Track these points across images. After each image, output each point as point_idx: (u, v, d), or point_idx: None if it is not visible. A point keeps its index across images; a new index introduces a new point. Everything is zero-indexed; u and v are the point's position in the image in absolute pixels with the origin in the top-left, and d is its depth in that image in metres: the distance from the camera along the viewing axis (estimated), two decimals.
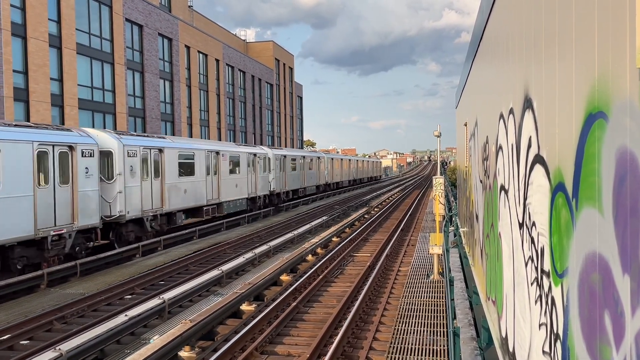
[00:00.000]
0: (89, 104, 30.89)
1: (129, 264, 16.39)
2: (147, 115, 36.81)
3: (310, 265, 16.01)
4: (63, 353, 7.39)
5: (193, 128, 43.67)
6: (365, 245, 19.64)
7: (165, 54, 39.73)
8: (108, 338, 8.62)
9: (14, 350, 8.99)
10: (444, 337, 9.02)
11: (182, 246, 19.70)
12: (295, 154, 41.16)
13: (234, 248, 19.45)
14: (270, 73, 62.49)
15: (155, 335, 8.93)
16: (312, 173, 45.27)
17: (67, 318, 10.68)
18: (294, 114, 73.33)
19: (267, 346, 8.93)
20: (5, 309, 11.27)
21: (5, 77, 24.59)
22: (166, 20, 39.40)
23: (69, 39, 28.89)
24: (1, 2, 24.32)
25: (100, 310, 11.46)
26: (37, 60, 26.63)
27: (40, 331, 9.86)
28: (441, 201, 15.58)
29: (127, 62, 34.38)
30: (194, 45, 43.72)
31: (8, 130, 13.77)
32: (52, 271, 13.90)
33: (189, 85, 43.15)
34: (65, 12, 28.60)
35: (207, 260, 17.20)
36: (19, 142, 13.90)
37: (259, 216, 30.03)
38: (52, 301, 11.87)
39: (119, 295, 12.51)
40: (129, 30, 34.77)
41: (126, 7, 34.03)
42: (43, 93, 27.00)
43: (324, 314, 10.78)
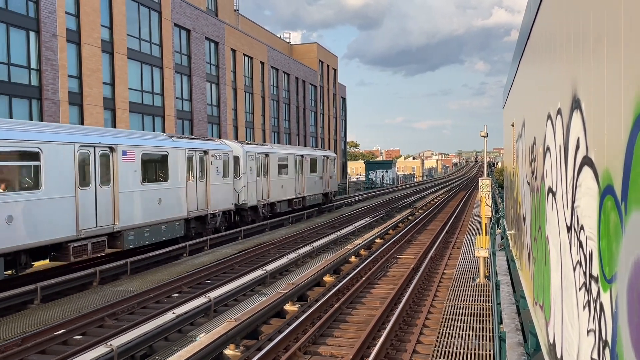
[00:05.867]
0: (139, 107, 31.85)
1: (177, 263, 16.80)
2: (195, 117, 37.64)
3: (353, 266, 15.99)
4: (114, 348, 7.66)
5: (239, 130, 44.35)
6: (409, 247, 19.46)
7: (211, 58, 40.52)
8: (156, 335, 8.87)
9: (67, 345, 9.37)
10: (490, 341, 8.85)
11: (227, 246, 20.04)
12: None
13: (277, 248, 19.65)
14: (314, 75, 62.77)
15: (202, 333, 9.12)
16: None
17: (118, 315, 11.05)
18: (338, 116, 73.38)
19: (310, 346, 8.98)
20: (60, 305, 11.76)
21: (61, 82, 25.65)
22: (213, 25, 40.18)
23: (121, 44, 29.88)
24: (57, 10, 25.40)
25: (149, 308, 11.80)
26: (91, 65, 27.66)
27: (92, 327, 10.24)
28: (488, 203, 15.28)
29: (176, 66, 35.26)
30: (240, 49, 44.42)
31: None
32: (104, 269, 14.42)
33: (234, 88, 43.87)
34: (117, 18, 29.60)
35: (251, 260, 17.44)
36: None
37: (303, 217, 30.22)
38: (104, 298, 12.30)
39: (167, 293, 12.85)
40: (177, 35, 35.65)
41: (175, 13, 34.92)
42: (96, 97, 28.03)
43: (367, 316, 10.75)
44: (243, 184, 24.10)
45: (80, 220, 14.28)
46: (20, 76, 23.93)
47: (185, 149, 19.56)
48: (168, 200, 18.33)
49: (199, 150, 20.56)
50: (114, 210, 15.71)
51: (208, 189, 21.11)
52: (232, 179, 22.97)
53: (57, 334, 9.48)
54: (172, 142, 19.21)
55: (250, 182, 24.71)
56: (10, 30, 23.42)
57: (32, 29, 24.39)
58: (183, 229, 19.29)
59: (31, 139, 13.08)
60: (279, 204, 28.29)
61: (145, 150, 17.29)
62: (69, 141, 14.18)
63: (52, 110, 25.09)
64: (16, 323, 10.35)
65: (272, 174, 27.19)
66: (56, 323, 9.95)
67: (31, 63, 24.48)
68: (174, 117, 34.85)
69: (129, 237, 16.22)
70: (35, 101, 24.66)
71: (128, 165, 16.33)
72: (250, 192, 24.61)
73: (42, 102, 24.77)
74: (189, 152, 19.76)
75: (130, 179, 16.36)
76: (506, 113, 14.49)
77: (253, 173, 24.97)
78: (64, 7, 25.89)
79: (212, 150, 21.42)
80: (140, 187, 16.81)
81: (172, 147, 18.89)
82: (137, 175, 16.68)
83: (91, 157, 14.99)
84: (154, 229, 17.54)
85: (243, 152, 24.37)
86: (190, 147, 20.01)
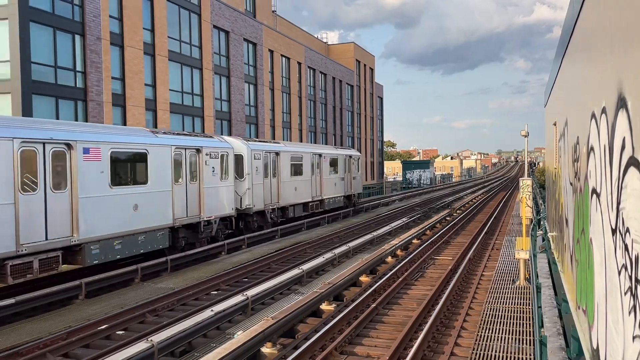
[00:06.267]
0: (179, 108, 32.49)
1: (215, 261, 17.06)
2: (233, 118, 38.15)
3: (390, 267, 15.90)
4: (154, 344, 7.84)
5: (276, 130, 44.71)
6: (447, 248, 19.22)
7: (249, 59, 40.97)
8: (195, 331, 9.03)
9: (110, 340, 9.65)
10: (531, 345, 8.66)
11: (264, 245, 20.23)
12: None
13: (314, 248, 19.72)
14: (350, 74, 62.69)
15: (239, 330, 9.24)
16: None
17: (158, 311, 11.30)
18: (374, 115, 73.06)
19: (346, 346, 8.98)
20: (103, 301, 12.12)
21: (105, 84, 26.41)
22: (251, 26, 40.63)
23: (162, 46, 30.54)
24: (101, 13, 26.16)
25: (188, 305, 12.03)
26: (133, 68, 28.38)
27: (134, 322, 10.50)
28: (528, 204, 14.94)
29: (215, 67, 35.81)
30: (277, 49, 44.76)
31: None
32: (145, 266, 14.77)
33: (272, 89, 44.24)
34: (158, 21, 30.26)
35: (288, 259, 17.56)
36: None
37: (339, 217, 30.23)
38: (145, 295, 12.60)
39: (205, 291, 13.07)
40: (216, 37, 36.20)
41: (214, 15, 35.46)
42: (138, 98, 28.74)
43: (404, 317, 10.67)
44: (247, 186, 21.70)
45: (22, 233, 11.66)
46: (66, 78, 24.75)
47: (170, 146, 16.89)
48: (147, 206, 15.64)
49: (190, 148, 17.92)
50: (72, 220, 12.99)
51: (201, 193, 18.36)
52: (232, 180, 20.32)
53: (100, 328, 9.77)
54: (154, 139, 16.46)
55: (256, 184, 22.30)
56: (56, 34, 24.25)
57: (78, 33, 25.18)
58: (168, 239, 16.67)
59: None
60: (291, 208, 25.84)
61: (116, 147, 14.61)
62: (6, 136, 11.65)
63: (96, 112, 25.85)
64: (62, 317, 10.71)
65: (283, 175, 24.73)
66: (99, 318, 10.25)
67: (76, 65, 25.28)
68: (212, 117, 35.41)
69: (92, 251, 13.58)
70: (81, 102, 25.46)
71: (91, 165, 13.63)
72: (256, 195, 22.18)
73: (86, 103, 25.56)
74: (176, 150, 17.14)
75: (94, 182, 13.66)
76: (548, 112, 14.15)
77: (260, 174, 22.57)
78: (108, 11, 26.64)
79: (206, 148, 18.73)
80: (108, 192, 14.18)
81: (154, 145, 16.16)
82: (105, 177, 14.05)
83: (39, 156, 12.35)
84: (128, 241, 14.87)
85: (247, 150, 21.90)
86: (178, 145, 17.34)
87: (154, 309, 11.24)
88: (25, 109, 22.43)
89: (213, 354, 7.44)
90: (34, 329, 9.85)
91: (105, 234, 14.04)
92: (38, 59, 23.38)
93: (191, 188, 17.93)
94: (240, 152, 21.73)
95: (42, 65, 23.57)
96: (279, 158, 24.51)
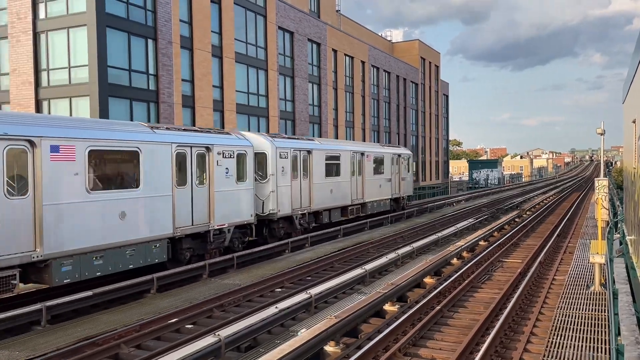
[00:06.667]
0: (245, 109, 33.24)
1: (279, 259, 17.32)
2: (297, 117, 38.60)
3: (455, 268, 15.58)
4: (221, 338, 8.05)
5: (339, 129, 44.84)
6: (515, 251, 18.60)
7: (313, 58, 41.31)
8: (260, 328, 9.20)
9: (180, 333, 10.01)
10: (606, 354, 8.23)
11: (327, 244, 20.32)
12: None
13: (377, 248, 19.62)
14: (415, 72, 61.87)
15: (303, 328, 9.33)
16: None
17: (225, 306, 11.61)
18: (439, 113, 71.74)
19: (410, 348, 8.88)
20: (173, 295, 12.58)
21: (175, 86, 27.43)
22: (315, 26, 40.94)
23: (229, 48, 31.35)
24: (172, 18, 27.18)
25: (253, 301, 12.28)
26: (202, 70, 29.30)
27: (202, 317, 10.84)
28: (604, 205, 14.19)
29: (279, 68, 36.37)
30: (341, 49, 44.86)
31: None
32: (213, 262, 15.21)
33: (335, 88, 44.39)
34: (226, 24, 31.08)
35: (350, 259, 17.56)
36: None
37: (403, 217, 29.91)
38: (212, 290, 12.97)
39: (270, 288, 13.30)
40: (281, 38, 36.76)
41: (279, 16, 36.02)
42: (206, 99, 29.65)
43: (470, 320, 10.42)
44: (271, 189, 19.36)
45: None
46: (139, 81, 25.90)
47: (171, 144, 14.56)
48: (138, 214, 13.43)
49: (197, 146, 15.60)
50: (35, 232, 11.02)
51: (211, 197, 16.04)
52: (251, 183, 17.99)
53: (170, 322, 10.15)
54: (149, 135, 14.08)
55: (282, 186, 20.01)
56: (131, 38, 25.41)
57: (150, 37, 26.27)
58: (166, 251, 14.42)
59: None
60: (326, 213, 23.29)
61: (96, 145, 12.40)
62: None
63: (167, 113, 26.89)
64: (135, 310, 11.21)
65: (316, 176, 22.23)
66: (170, 312, 10.65)
67: (149, 69, 26.39)
68: (277, 117, 35.98)
69: (62, 268, 11.53)
70: (153, 104, 26.56)
71: (62, 166, 11.55)
72: (281, 199, 19.88)
73: (158, 105, 26.63)
74: (179, 149, 14.89)
75: (66, 186, 11.61)
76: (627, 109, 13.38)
77: (287, 174, 20.23)
78: (179, 16, 27.64)
79: (218, 146, 16.37)
80: (85, 197, 12.02)
81: (148, 142, 13.83)
82: (80, 181, 11.92)
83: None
84: (111, 255, 12.70)
85: (272, 148, 19.57)
86: (181, 142, 15.03)
87: (221, 304, 11.56)
88: (102, 111, 23.66)
89: (277, 351, 7.55)
90: (109, 320, 10.37)
91: (80, 247, 11.87)
92: (114, 62, 24.58)
93: (198, 192, 15.63)
94: (263, 150, 19.50)
95: (117, 69, 24.77)
96: (311, 157, 22.12)
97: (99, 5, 23.57)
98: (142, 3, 25.90)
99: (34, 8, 25.05)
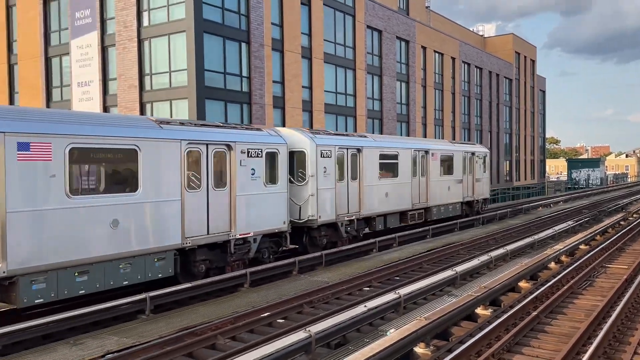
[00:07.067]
0: (333, 108, 33.58)
1: (366, 258, 17.34)
2: (384, 116, 38.42)
3: (553, 273, 14.81)
4: (312, 334, 8.21)
5: (427, 128, 44.09)
6: (620, 256, 17.37)
7: (402, 56, 40.91)
8: (349, 325, 9.28)
9: (272, 327, 10.32)
10: None
11: (415, 244, 20.06)
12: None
13: (467, 249, 19.09)
14: (509, 67, 59.47)
15: (391, 328, 9.29)
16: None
17: (314, 303, 11.82)
18: (535, 110, 68.43)
19: (504, 354, 8.57)
20: (265, 290, 13.00)
21: (267, 87, 28.26)
22: (404, 24, 40.53)
23: (318, 49, 31.82)
24: (264, 21, 28.02)
25: (342, 299, 12.40)
26: (292, 71, 29.98)
27: (292, 312, 11.10)
28: None
29: (367, 67, 36.37)
30: (430, 45, 44.08)
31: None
32: (302, 259, 15.52)
33: (424, 86, 43.69)
34: (315, 25, 31.56)
35: (440, 260, 17.23)
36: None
37: (495, 218, 28.87)
38: (302, 286, 13.24)
39: (357, 287, 13.36)
40: (369, 37, 36.76)
41: (367, 15, 36.03)
42: (296, 100, 30.29)
43: (570, 328, 9.88)
44: (310, 192, 17.01)
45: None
46: (233, 83, 26.95)
47: (180, 141, 12.51)
48: (134, 222, 11.48)
49: (215, 144, 13.55)
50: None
51: (232, 202, 13.92)
52: (285, 185, 15.84)
53: (263, 316, 10.49)
54: (152, 131, 12.07)
55: (324, 189, 17.52)
56: (226, 42, 26.51)
57: (244, 41, 27.26)
58: (173, 264, 12.44)
59: None
60: (379, 219, 20.68)
61: (80, 142, 10.59)
62: None
63: (259, 114, 27.78)
64: (229, 303, 11.70)
65: (367, 177, 19.63)
66: (262, 306, 11.00)
67: (242, 71, 27.39)
68: (365, 116, 36.02)
69: (32, 286, 9.77)
70: (245, 105, 27.54)
71: (32, 166, 9.83)
72: (323, 204, 17.48)
73: (250, 106, 27.58)
74: (191, 147, 12.82)
75: (37, 189, 9.86)
76: None
77: (330, 175, 17.77)
78: (270, 19, 28.45)
79: (241, 143, 14.22)
80: (64, 203, 10.24)
81: (150, 139, 11.87)
82: (58, 183, 10.16)
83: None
84: (99, 270, 10.80)
85: (312, 145, 17.15)
86: (194, 139, 12.92)
87: (311, 300, 11.77)
88: (200, 113, 24.87)
89: (368, 349, 7.58)
90: (206, 312, 10.90)
91: (56, 261, 10.05)
92: (210, 66, 25.76)
93: (216, 196, 13.54)
94: (302, 148, 17.23)
95: (213, 72, 25.94)
96: (361, 155, 19.42)
97: (197, 12, 24.80)
98: (237, 8, 26.93)
99: (139, 17, 26.82)
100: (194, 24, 24.77)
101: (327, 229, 18.18)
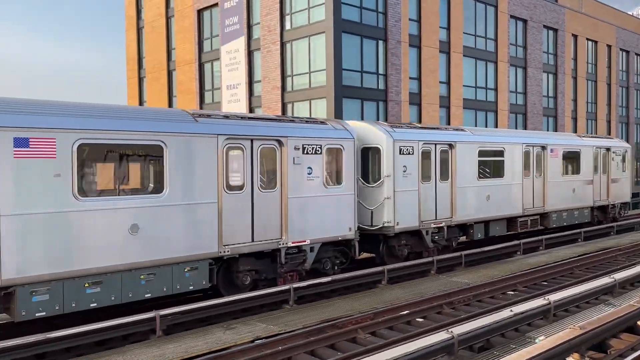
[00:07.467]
0: (472, 103, 32.39)
1: (509, 261, 16.50)
2: (529, 111, 36.22)
3: None
4: (454, 336, 8.02)
5: (578, 122, 40.75)
6: None
7: (549, 46, 38.24)
8: (493, 330, 8.91)
9: (411, 325, 10.26)
10: None
11: (565, 248, 18.68)
12: None
13: (626, 255, 17.34)
14: None
15: (541, 335, 8.76)
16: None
17: (454, 304, 11.52)
18: None
19: None
20: (403, 288, 12.95)
21: (403, 84, 28.08)
22: (551, 11, 37.83)
23: (457, 43, 30.89)
24: (402, 18, 27.84)
25: (483, 302, 11.94)
26: (429, 66, 29.45)
27: (432, 312, 10.93)
28: None
29: (510, 59, 34.54)
30: (582, 33, 40.64)
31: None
32: (440, 259, 15.20)
33: (574, 77, 40.42)
34: (454, 18, 30.68)
35: (594, 266, 15.87)
36: None
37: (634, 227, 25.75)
38: (441, 286, 12.98)
39: (501, 290, 12.77)
40: (512, 27, 34.88)
41: (511, 4, 34.21)
42: (433, 96, 29.71)
43: None
44: (385, 195, 14.67)
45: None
46: (370, 81, 27.16)
47: (217, 135, 11.04)
48: (159, 226, 10.16)
49: (261, 139, 11.82)
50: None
51: (284, 205, 12.10)
52: (352, 186, 13.63)
53: (402, 313, 10.47)
54: (182, 125, 10.71)
55: (403, 191, 15.02)
56: (363, 41, 26.80)
57: (381, 38, 27.34)
58: (207, 275, 10.96)
59: None
60: (478, 226, 17.65)
61: (91, 138, 9.45)
62: None
63: (395, 111, 27.71)
64: (367, 299, 11.84)
65: (462, 176, 16.79)
66: (401, 304, 10.97)
67: (379, 69, 27.50)
68: (507, 111, 34.27)
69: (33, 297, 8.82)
70: (382, 103, 27.62)
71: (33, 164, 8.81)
72: (401, 208, 14.99)
73: (387, 103, 27.60)
74: (230, 142, 11.32)
75: (40, 190, 8.82)
76: None
77: (411, 175, 15.28)
78: (408, 15, 28.21)
79: (294, 138, 12.32)
80: (72, 205, 9.12)
81: (179, 134, 10.50)
82: (64, 184, 9.06)
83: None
84: (115, 281, 9.65)
85: (388, 140, 14.78)
86: (233, 134, 11.38)
87: (451, 301, 11.49)
88: (337, 111, 25.45)
89: (515, 355, 7.23)
90: (345, 306, 11.15)
91: (62, 271, 9.04)
92: (348, 65, 26.23)
93: (263, 199, 11.83)
94: (376, 143, 14.96)
95: (351, 71, 26.37)
96: (454, 152, 16.63)
97: (336, 12, 25.38)
98: (374, 6, 27.08)
99: (281, 21, 28.12)
100: (333, 24, 25.36)
101: (409, 237, 15.59)
